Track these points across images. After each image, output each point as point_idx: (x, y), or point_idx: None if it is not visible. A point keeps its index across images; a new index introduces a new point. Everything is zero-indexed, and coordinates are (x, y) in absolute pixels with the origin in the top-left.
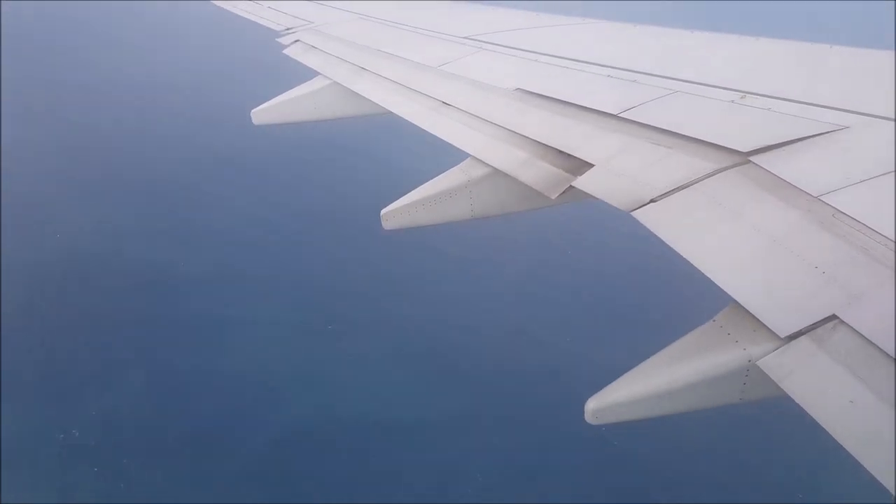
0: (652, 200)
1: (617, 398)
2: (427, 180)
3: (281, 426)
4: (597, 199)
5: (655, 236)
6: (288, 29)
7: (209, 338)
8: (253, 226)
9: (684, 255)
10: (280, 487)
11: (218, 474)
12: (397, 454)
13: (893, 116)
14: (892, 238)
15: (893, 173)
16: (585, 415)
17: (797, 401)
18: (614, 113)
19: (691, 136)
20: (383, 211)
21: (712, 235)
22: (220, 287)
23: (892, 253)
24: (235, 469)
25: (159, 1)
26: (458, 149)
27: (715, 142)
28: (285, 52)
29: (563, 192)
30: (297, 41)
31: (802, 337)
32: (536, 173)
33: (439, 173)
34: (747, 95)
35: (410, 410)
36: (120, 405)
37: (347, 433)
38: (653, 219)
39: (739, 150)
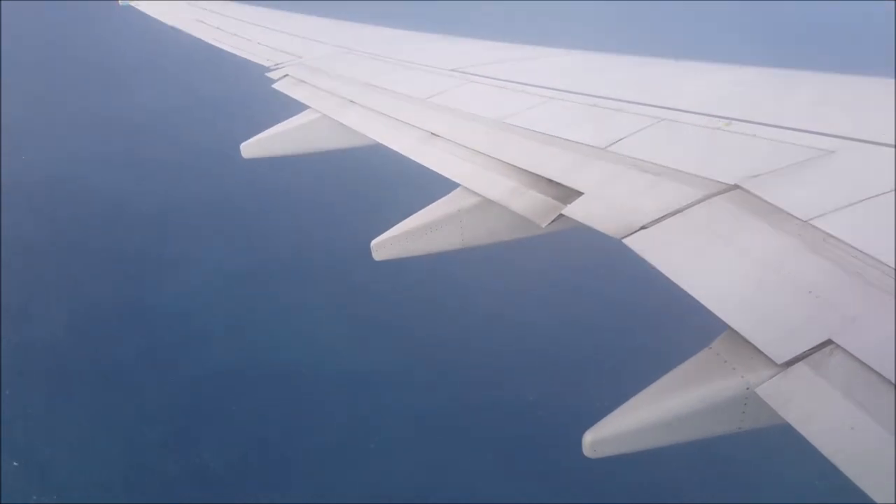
0: (642, 227)
1: (614, 430)
2: (417, 211)
3: (204, 366)
4: (587, 226)
5: (647, 263)
6: (277, 64)
7: (147, 274)
8: (242, 253)
9: (677, 282)
10: (189, 424)
11: (129, 408)
12: (315, 401)
13: (878, 140)
14: (884, 261)
15: (881, 196)
16: (583, 448)
17: (797, 428)
18: (601, 147)
19: (679, 168)
20: (374, 242)
21: (704, 261)
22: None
23: (885, 276)
24: (149, 405)
25: (149, 38)
26: (447, 179)
27: (702, 174)
28: (274, 86)
29: (554, 220)
30: (285, 75)
31: (799, 363)
32: (526, 202)
33: (429, 204)
34: (732, 122)
35: (343, 362)
36: (40, 335)
37: (270, 378)
38: (644, 245)
39: (727, 182)
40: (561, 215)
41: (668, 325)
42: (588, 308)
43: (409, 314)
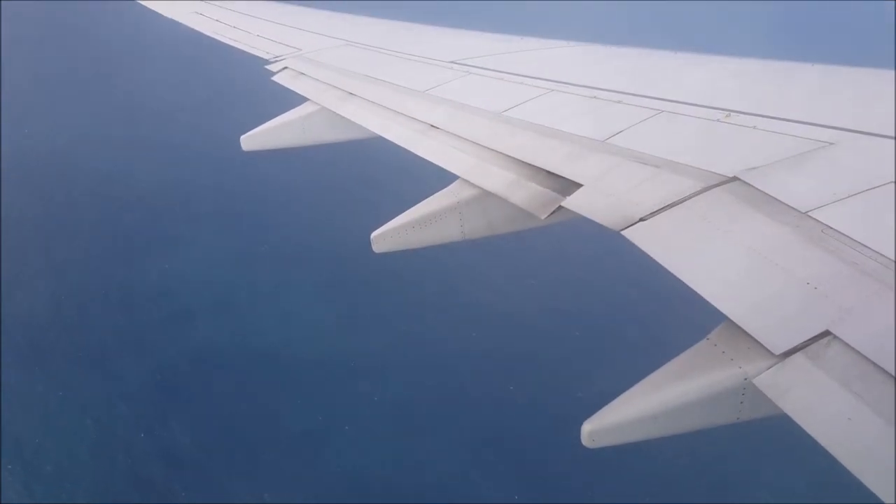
0: (641, 219)
1: (613, 420)
2: (417, 203)
3: (188, 347)
4: (586, 218)
5: (646, 255)
6: (276, 56)
7: (142, 259)
8: (242, 246)
9: (675, 273)
10: (165, 403)
11: (106, 384)
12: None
13: (877, 132)
14: (882, 253)
15: (879, 188)
16: (582, 438)
17: (795, 419)
18: (601, 139)
19: (678, 160)
20: (373, 234)
21: (703, 253)
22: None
23: (883, 268)
24: (128, 382)
25: (149, 30)
26: (447, 171)
27: (701, 166)
28: (274, 78)
29: (553, 212)
30: (285, 68)
31: (797, 354)
32: (525, 194)
33: (429, 196)
34: (731, 114)
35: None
36: (25, 311)
37: (243, 364)
38: (642, 237)
39: (726, 174)
40: (560, 207)
41: (666, 316)
42: (586, 299)
43: (404, 305)
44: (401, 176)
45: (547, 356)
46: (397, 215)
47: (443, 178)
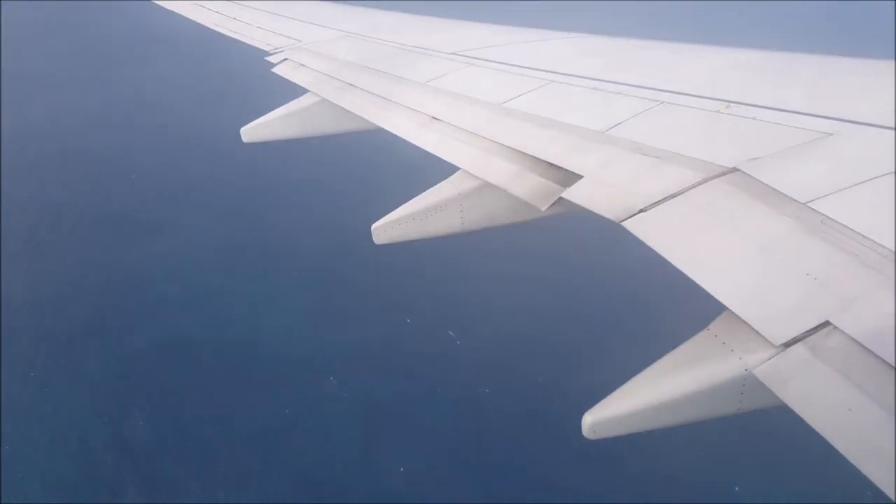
0: (641, 210)
1: (614, 411)
2: (417, 194)
3: (154, 339)
4: (586, 209)
5: (646, 246)
6: (276, 48)
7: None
8: (240, 239)
9: (675, 264)
10: (127, 393)
11: (73, 369)
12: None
13: (877, 123)
14: (882, 243)
15: (879, 178)
16: (582, 429)
17: (795, 409)
18: (601, 130)
19: (678, 152)
20: (374, 225)
21: (703, 244)
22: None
23: (883, 258)
24: (92, 369)
25: (150, 23)
26: (447, 163)
27: (702, 157)
28: (274, 70)
29: (553, 203)
30: (285, 59)
31: (797, 344)
32: (526, 185)
33: (429, 187)
34: (731, 105)
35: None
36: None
37: (219, 355)
38: (643, 228)
39: (726, 165)
40: (560, 198)
41: (666, 308)
42: (587, 291)
43: (401, 297)
44: (401, 167)
45: (544, 349)
46: (398, 207)
47: (443, 169)
